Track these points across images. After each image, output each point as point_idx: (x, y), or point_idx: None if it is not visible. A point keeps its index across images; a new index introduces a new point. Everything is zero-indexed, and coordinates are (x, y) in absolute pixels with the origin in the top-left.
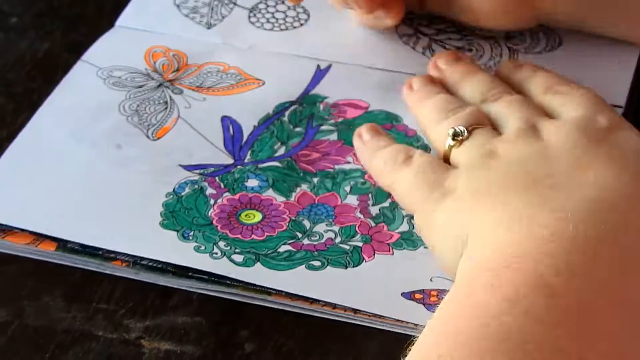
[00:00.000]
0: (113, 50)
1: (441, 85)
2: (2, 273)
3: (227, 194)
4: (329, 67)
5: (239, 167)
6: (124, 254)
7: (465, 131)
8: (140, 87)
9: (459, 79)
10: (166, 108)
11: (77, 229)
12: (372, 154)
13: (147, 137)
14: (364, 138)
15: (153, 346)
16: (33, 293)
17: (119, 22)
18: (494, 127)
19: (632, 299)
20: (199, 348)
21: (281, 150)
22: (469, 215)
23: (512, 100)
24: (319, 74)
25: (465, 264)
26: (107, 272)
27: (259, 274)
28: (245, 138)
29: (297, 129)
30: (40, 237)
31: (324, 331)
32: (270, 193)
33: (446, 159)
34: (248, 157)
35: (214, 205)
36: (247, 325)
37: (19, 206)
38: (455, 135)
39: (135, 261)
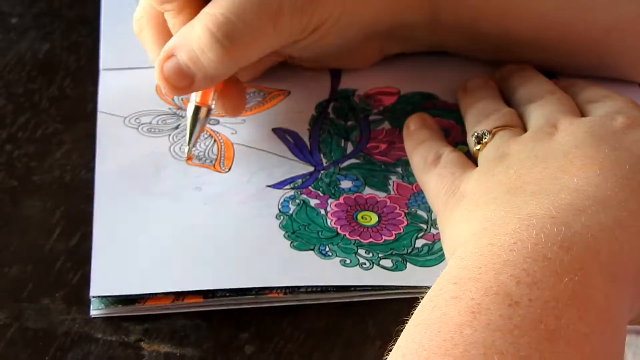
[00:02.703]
0: (124, 96)
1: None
2: (2, 275)
3: (331, 199)
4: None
5: (322, 171)
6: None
7: (488, 134)
8: (176, 127)
9: (517, 84)
10: (215, 141)
11: (214, 277)
12: (412, 149)
13: (218, 171)
14: (410, 129)
15: (153, 349)
16: (32, 296)
17: (103, 65)
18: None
19: (596, 304)
20: (199, 351)
21: (349, 147)
22: (464, 224)
23: (549, 98)
24: (335, 71)
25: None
26: (265, 305)
27: (414, 274)
28: (307, 142)
29: (350, 123)
30: (180, 292)
31: (324, 334)
32: (369, 191)
33: (476, 163)
34: (324, 160)
35: (326, 214)
36: (247, 327)
37: (140, 273)
38: (478, 139)
39: (293, 289)
